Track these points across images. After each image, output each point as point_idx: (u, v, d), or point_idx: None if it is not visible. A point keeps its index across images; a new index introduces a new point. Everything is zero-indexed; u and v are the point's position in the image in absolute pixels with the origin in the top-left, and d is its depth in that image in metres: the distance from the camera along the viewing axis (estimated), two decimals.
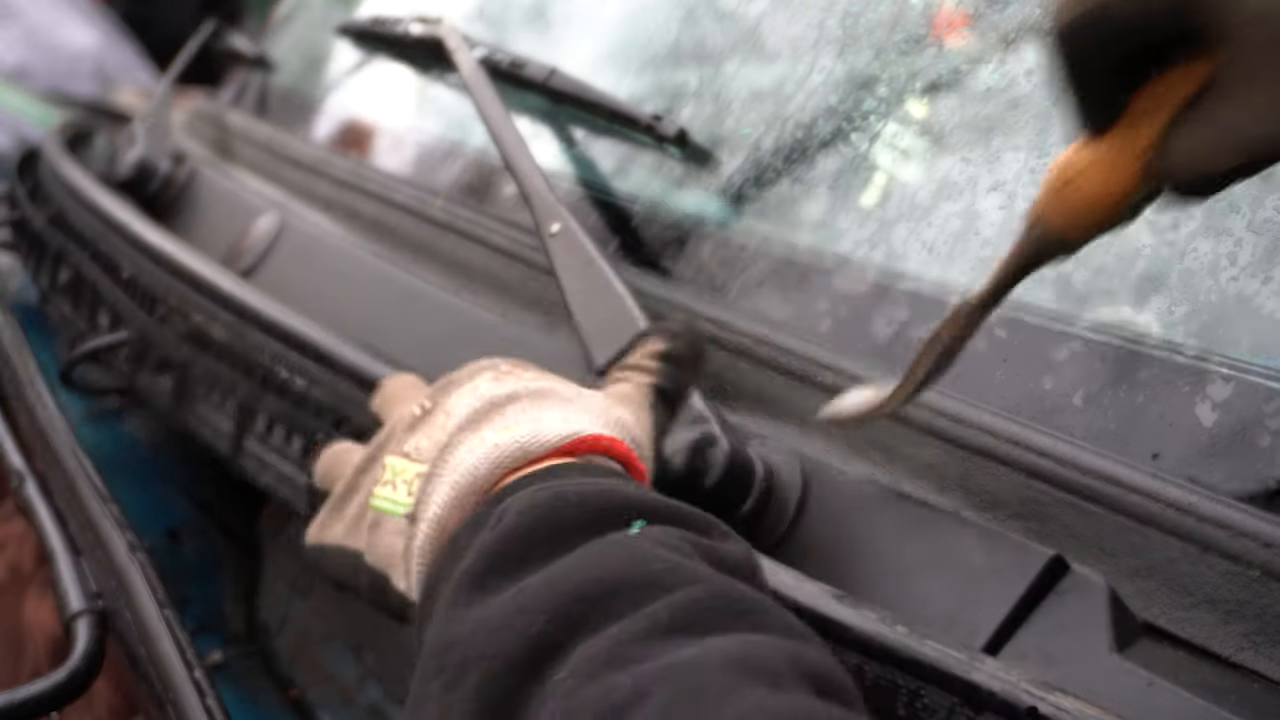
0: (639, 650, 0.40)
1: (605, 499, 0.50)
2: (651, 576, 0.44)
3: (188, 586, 1.07)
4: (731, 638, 0.41)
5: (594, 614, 0.43)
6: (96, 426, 1.23)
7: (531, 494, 0.50)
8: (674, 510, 0.50)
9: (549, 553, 0.47)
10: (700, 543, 0.49)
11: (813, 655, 0.41)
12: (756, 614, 0.43)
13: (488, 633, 0.44)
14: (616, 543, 0.47)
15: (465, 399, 0.61)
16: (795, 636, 0.43)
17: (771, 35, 0.94)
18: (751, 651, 0.39)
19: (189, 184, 1.36)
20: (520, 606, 0.44)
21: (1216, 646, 0.55)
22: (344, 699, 0.96)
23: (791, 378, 0.76)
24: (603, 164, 1.00)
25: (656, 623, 0.41)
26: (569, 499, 0.49)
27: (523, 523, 0.49)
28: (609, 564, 0.45)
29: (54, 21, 2.65)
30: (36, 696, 0.71)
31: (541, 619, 0.43)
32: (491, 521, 0.50)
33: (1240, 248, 0.64)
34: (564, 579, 0.45)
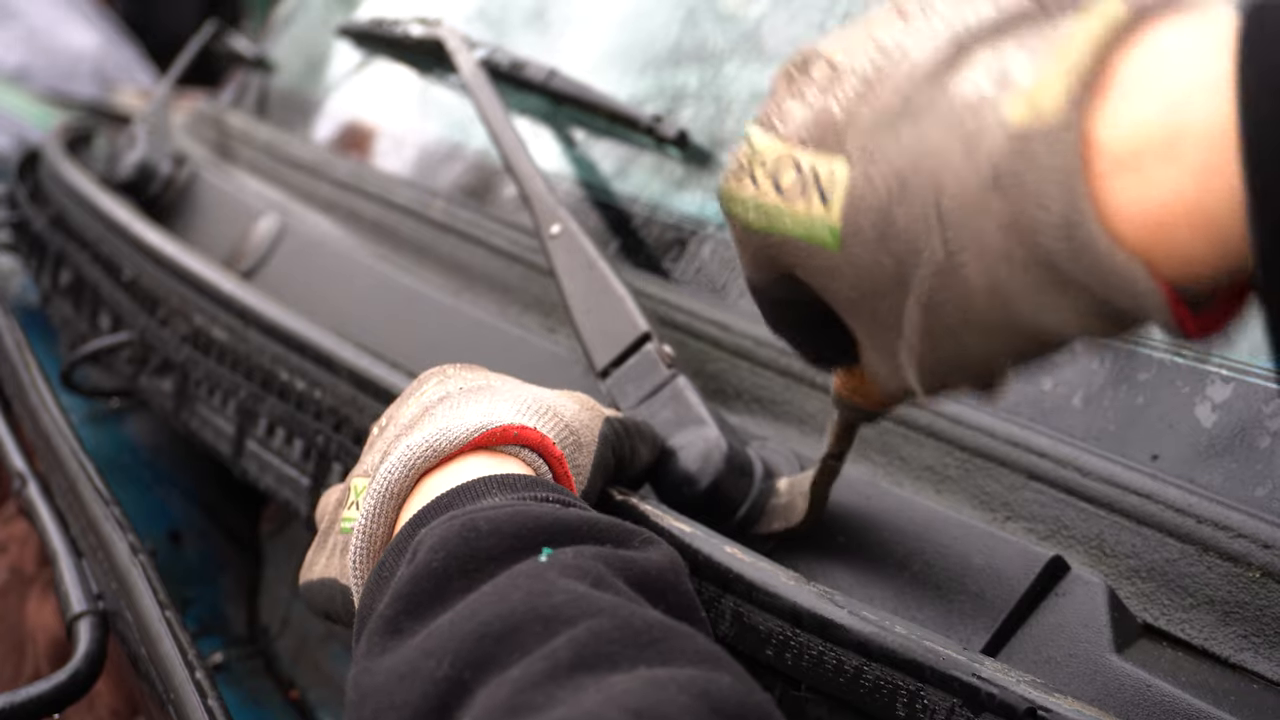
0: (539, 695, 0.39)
1: (516, 523, 0.49)
2: (554, 610, 0.43)
3: (189, 588, 1.07)
4: (634, 676, 0.40)
5: (498, 652, 0.42)
6: (98, 428, 1.23)
7: (443, 525, 0.50)
8: (588, 526, 0.50)
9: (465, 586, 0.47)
10: (616, 556, 0.48)
11: (723, 685, 0.40)
12: (662, 643, 0.42)
13: (398, 679, 0.44)
14: (522, 574, 0.46)
15: (409, 408, 0.62)
16: (705, 663, 0.42)
17: (772, 36, 0.94)
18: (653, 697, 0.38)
19: (189, 186, 1.36)
20: (426, 651, 0.44)
21: (1216, 647, 0.55)
22: (344, 700, 0.96)
23: (791, 379, 0.76)
24: (603, 165, 1.00)
25: (558, 663, 0.41)
26: (480, 529, 0.48)
27: (435, 560, 0.48)
28: (512, 599, 0.44)
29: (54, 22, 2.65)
30: (38, 697, 0.72)
31: (446, 662, 0.43)
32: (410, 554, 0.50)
33: None
34: (468, 618, 0.44)
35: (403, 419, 0.61)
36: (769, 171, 0.45)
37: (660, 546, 0.50)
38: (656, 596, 0.47)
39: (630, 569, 0.48)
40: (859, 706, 0.53)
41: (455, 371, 0.65)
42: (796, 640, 0.55)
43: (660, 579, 0.48)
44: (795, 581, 0.56)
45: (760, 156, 0.46)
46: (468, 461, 0.57)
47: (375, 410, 0.79)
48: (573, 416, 0.61)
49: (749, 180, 0.46)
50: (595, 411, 0.64)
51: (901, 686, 0.52)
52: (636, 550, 0.49)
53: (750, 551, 0.59)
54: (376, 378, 0.79)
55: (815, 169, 0.44)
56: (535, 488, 0.54)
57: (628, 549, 0.49)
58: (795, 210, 0.45)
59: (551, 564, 0.46)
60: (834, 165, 0.43)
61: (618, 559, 0.48)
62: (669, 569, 0.49)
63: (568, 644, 0.41)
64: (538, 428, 0.59)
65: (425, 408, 0.61)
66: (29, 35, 2.57)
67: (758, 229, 0.47)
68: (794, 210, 0.45)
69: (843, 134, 0.43)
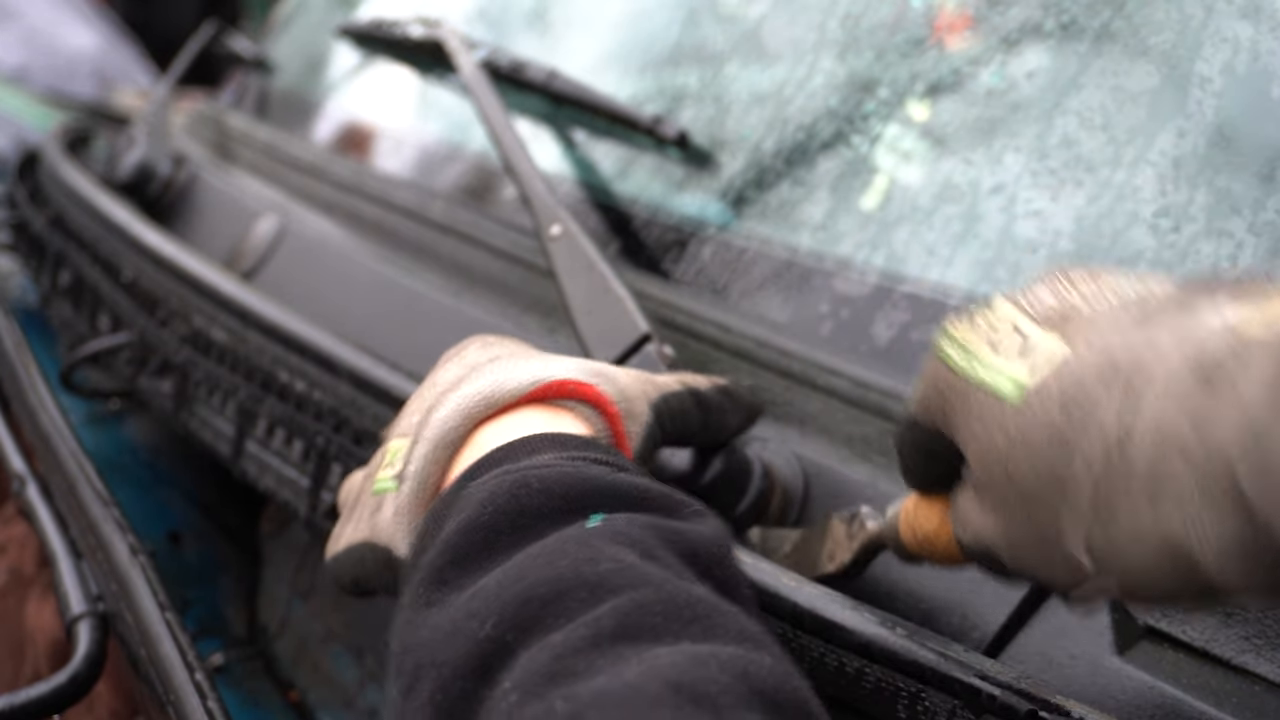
0: (580, 663, 0.39)
1: (567, 484, 0.49)
2: (600, 577, 0.43)
3: (189, 589, 1.07)
4: (676, 650, 0.39)
5: (542, 616, 0.42)
6: (98, 429, 1.23)
7: (495, 479, 0.50)
8: (641, 492, 0.50)
9: (512, 543, 0.47)
10: (665, 527, 0.48)
11: (764, 666, 0.40)
12: (705, 620, 0.42)
13: (441, 637, 0.44)
14: (571, 539, 0.46)
15: (449, 370, 0.62)
16: (747, 642, 0.41)
17: (772, 37, 0.94)
18: (694, 672, 0.38)
19: (189, 186, 1.36)
20: (471, 611, 0.44)
21: (1217, 649, 0.55)
22: (345, 701, 0.96)
23: (792, 380, 0.76)
24: (603, 166, 1.00)
25: (600, 631, 0.41)
26: (531, 486, 0.49)
27: (484, 514, 0.48)
28: (559, 564, 0.44)
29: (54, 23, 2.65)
30: (38, 699, 0.71)
31: (490, 623, 0.43)
32: (459, 506, 0.50)
33: (1241, 250, 0.64)
34: (515, 580, 0.44)
35: (444, 380, 0.61)
36: (993, 327, 0.48)
37: (709, 520, 0.50)
38: (703, 570, 0.47)
39: (679, 541, 0.47)
40: (860, 708, 0.53)
41: (497, 340, 0.65)
42: (798, 642, 0.55)
43: (708, 553, 0.48)
44: (796, 583, 0.56)
45: (993, 316, 0.49)
46: (523, 414, 0.57)
47: (375, 411, 0.79)
48: (626, 384, 0.61)
49: (969, 326, 0.49)
50: (650, 384, 0.63)
51: (903, 688, 0.52)
52: (686, 522, 0.49)
53: (751, 553, 0.59)
54: (376, 379, 0.79)
55: (1037, 341, 0.46)
56: (589, 448, 0.54)
57: (677, 519, 0.49)
58: (995, 361, 0.47)
59: (601, 531, 0.46)
60: (1056, 346, 0.45)
61: (667, 529, 0.48)
62: (717, 543, 0.49)
63: (611, 613, 0.41)
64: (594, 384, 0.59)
65: (471, 367, 0.61)
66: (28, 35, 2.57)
67: (953, 368, 0.48)
68: (993, 361, 0.47)
69: (1079, 327, 0.45)
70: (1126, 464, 0.40)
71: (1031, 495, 0.44)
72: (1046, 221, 0.72)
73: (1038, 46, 0.77)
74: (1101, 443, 0.41)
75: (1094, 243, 0.70)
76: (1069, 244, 0.71)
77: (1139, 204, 0.69)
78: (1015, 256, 0.72)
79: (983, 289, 0.73)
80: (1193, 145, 0.68)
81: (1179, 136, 0.69)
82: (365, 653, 0.96)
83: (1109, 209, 0.70)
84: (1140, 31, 0.73)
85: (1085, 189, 0.71)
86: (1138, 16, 0.73)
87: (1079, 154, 0.72)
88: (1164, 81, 0.71)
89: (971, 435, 0.47)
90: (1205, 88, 0.69)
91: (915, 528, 0.56)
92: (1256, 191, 0.64)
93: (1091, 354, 0.43)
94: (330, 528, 0.83)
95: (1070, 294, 0.47)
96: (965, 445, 0.48)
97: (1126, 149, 0.70)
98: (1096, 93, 0.73)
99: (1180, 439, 0.39)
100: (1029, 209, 0.73)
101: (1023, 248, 0.72)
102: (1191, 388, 0.39)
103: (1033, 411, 0.44)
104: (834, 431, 0.72)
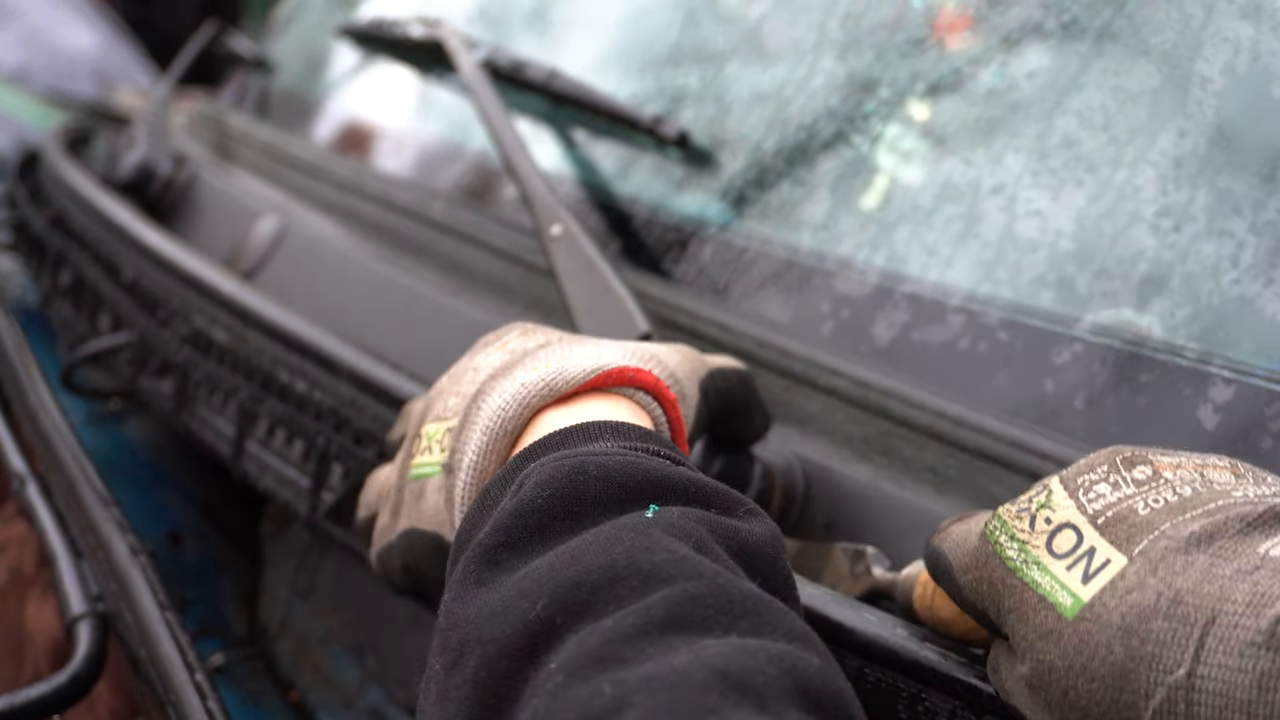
0: (629, 649, 0.39)
1: (625, 474, 0.49)
2: (654, 567, 0.43)
3: (189, 589, 1.07)
4: (725, 642, 0.40)
5: (593, 601, 0.42)
6: (98, 429, 1.23)
7: (553, 463, 0.50)
8: (697, 487, 0.50)
9: (565, 528, 0.47)
10: (720, 523, 0.48)
11: (811, 665, 0.40)
12: (755, 616, 0.42)
13: (489, 616, 0.44)
14: (626, 528, 0.46)
15: (494, 354, 0.62)
16: (796, 641, 0.42)
17: (772, 37, 0.94)
18: (742, 663, 0.38)
19: (190, 186, 1.36)
20: (521, 591, 0.44)
21: None
22: (345, 702, 0.96)
23: (792, 380, 0.76)
24: (604, 166, 1.00)
25: (651, 619, 0.41)
26: (589, 471, 0.49)
27: (539, 496, 0.48)
28: (613, 551, 0.44)
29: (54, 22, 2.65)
30: (38, 699, 0.71)
31: (540, 604, 0.43)
32: (515, 487, 0.50)
33: (1242, 250, 0.64)
34: (568, 564, 0.44)
35: (486, 366, 0.61)
36: (1050, 526, 0.47)
37: (763, 520, 0.50)
38: (754, 569, 0.47)
39: (732, 538, 0.47)
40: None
41: (536, 327, 0.65)
42: None
43: (760, 552, 0.48)
44: (797, 582, 0.56)
45: (1050, 510, 0.48)
46: (583, 404, 0.57)
47: (375, 411, 0.79)
48: (676, 365, 0.61)
49: (1028, 521, 0.48)
50: (698, 362, 0.63)
51: (903, 688, 0.52)
52: (740, 520, 0.49)
53: None
54: (377, 379, 0.79)
55: (1095, 548, 0.45)
56: (648, 439, 0.54)
57: (732, 517, 0.49)
58: (1052, 569, 0.46)
59: (656, 521, 0.46)
60: (1113, 555, 0.45)
61: (721, 526, 0.48)
62: (769, 543, 0.49)
63: (663, 602, 0.41)
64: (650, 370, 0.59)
65: (520, 353, 0.60)
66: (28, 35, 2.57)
67: (1006, 562, 0.48)
68: (1051, 568, 0.46)
69: (1136, 533, 0.45)
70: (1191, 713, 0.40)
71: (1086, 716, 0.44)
72: (1047, 221, 0.72)
73: (1038, 46, 0.77)
74: (1165, 688, 0.41)
75: (1095, 243, 0.70)
76: (1069, 244, 0.71)
77: (1140, 204, 0.69)
78: (1016, 256, 0.72)
79: (983, 289, 0.73)
80: (1193, 145, 0.68)
81: (1180, 136, 0.69)
82: (366, 653, 0.96)
83: (1110, 209, 0.70)
84: (1141, 31, 0.73)
85: (1086, 189, 0.71)
86: (1138, 16, 0.73)
87: (1080, 154, 0.72)
88: (1165, 81, 0.71)
89: (1026, 643, 0.46)
90: (1206, 87, 0.69)
91: (933, 608, 0.55)
92: (1257, 191, 0.64)
93: (1154, 582, 0.43)
94: (330, 528, 0.83)
95: (1130, 492, 0.46)
96: (1016, 644, 0.47)
97: (1127, 149, 0.70)
98: (1097, 92, 0.73)
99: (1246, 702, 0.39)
100: (1029, 209, 0.73)
101: (1023, 247, 0.72)
102: (1257, 642, 0.39)
103: (1091, 634, 0.43)
104: (834, 431, 0.72)
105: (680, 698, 0.36)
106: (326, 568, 1.01)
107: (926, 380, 0.71)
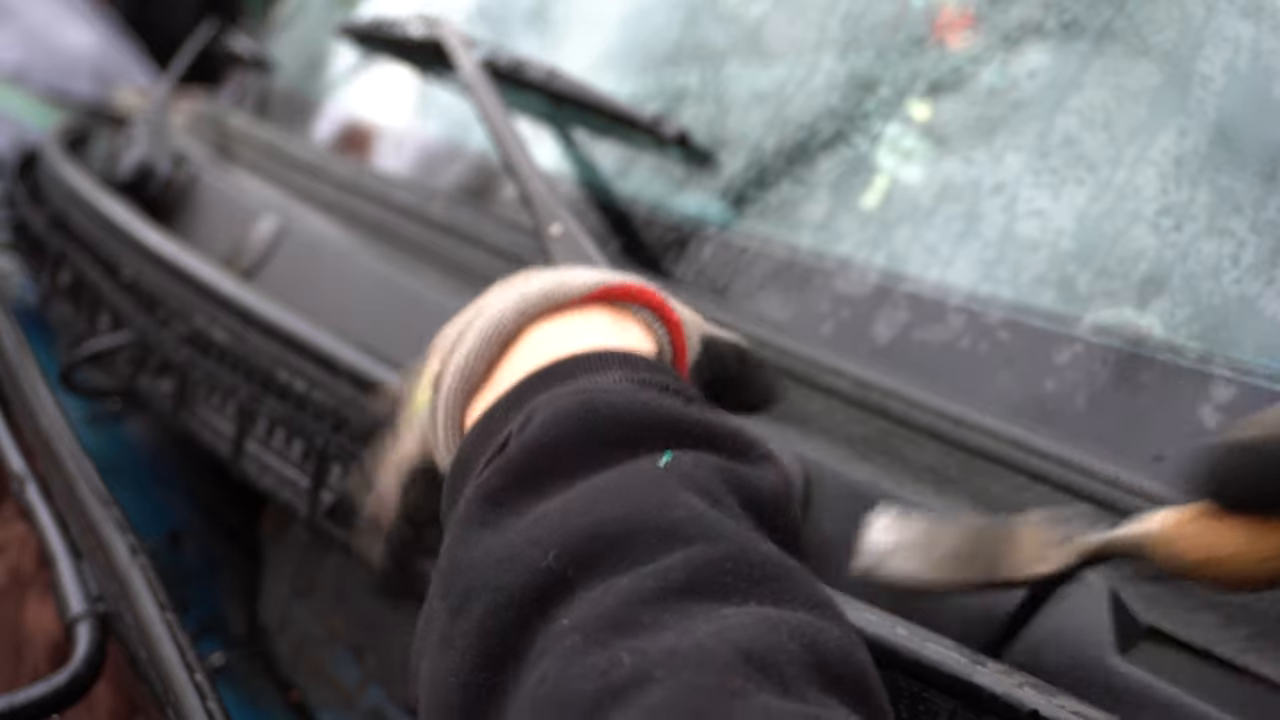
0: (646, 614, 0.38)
1: (636, 413, 0.47)
2: (672, 525, 0.42)
3: (189, 589, 1.07)
4: (746, 613, 0.39)
5: (608, 555, 0.41)
6: (97, 429, 1.23)
7: (562, 398, 0.47)
8: (710, 431, 0.48)
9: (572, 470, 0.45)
10: (732, 471, 0.46)
11: (831, 637, 0.39)
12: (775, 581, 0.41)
13: (496, 562, 0.43)
14: (642, 475, 0.44)
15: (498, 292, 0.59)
16: (815, 609, 0.41)
17: (772, 36, 0.94)
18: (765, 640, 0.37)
19: (189, 186, 1.36)
20: (532, 538, 0.42)
21: (1219, 649, 0.55)
22: (345, 701, 0.96)
23: (793, 380, 0.75)
24: (603, 165, 1.00)
25: (669, 583, 0.39)
26: (599, 410, 0.46)
27: (547, 436, 0.46)
28: (629, 501, 0.43)
29: (53, 21, 2.64)
30: (37, 700, 0.71)
31: (552, 554, 0.41)
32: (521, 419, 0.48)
33: (1243, 249, 0.64)
34: (582, 511, 0.43)
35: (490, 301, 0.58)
36: None
37: (776, 465, 0.49)
38: (766, 520, 0.45)
39: (744, 487, 0.46)
40: None
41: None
42: None
43: (773, 502, 0.46)
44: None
45: None
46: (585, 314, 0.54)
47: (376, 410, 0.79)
48: (682, 309, 0.59)
49: None
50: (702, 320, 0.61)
51: (903, 689, 0.52)
52: (753, 466, 0.48)
53: None
54: (377, 379, 0.79)
55: None
56: (658, 371, 0.51)
57: (744, 463, 0.47)
58: None
59: (672, 471, 0.44)
60: None
61: (734, 474, 0.46)
62: (782, 492, 0.47)
63: (683, 565, 0.40)
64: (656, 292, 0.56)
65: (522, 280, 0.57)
66: (27, 34, 2.57)
67: None
68: None
69: None
70: None
71: None
72: (1048, 221, 0.72)
73: (1039, 45, 0.77)
74: None
75: (1095, 242, 0.69)
76: (1070, 243, 0.70)
77: (1140, 203, 0.69)
78: (1016, 256, 0.72)
79: (984, 288, 0.72)
80: (1194, 144, 0.68)
81: (1180, 135, 0.69)
82: (366, 652, 0.96)
83: (1110, 208, 0.70)
84: (1142, 30, 0.73)
85: (1087, 188, 0.71)
86: (1139, 15, 0.73)
87: (1080, 153, 0.72)
88: (1165, 80, 0.71)
89: None
90: (1207, 86, 0.69)
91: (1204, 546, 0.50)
92: (1258, 190, 0.64)
93: None
94: (330, 528, 0.83)
95: None
96: None
97: (1128, 148, 0.70)
98: (1098, 91, 0.73)
99: None
100: (1030, 208, 0.73)
101: (1024, 247, 0.72)
102: None
103: None
104: (834, 431, 0.72)
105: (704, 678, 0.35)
106: (326, 568, 1.01)
107: (926, 380, 0.71)
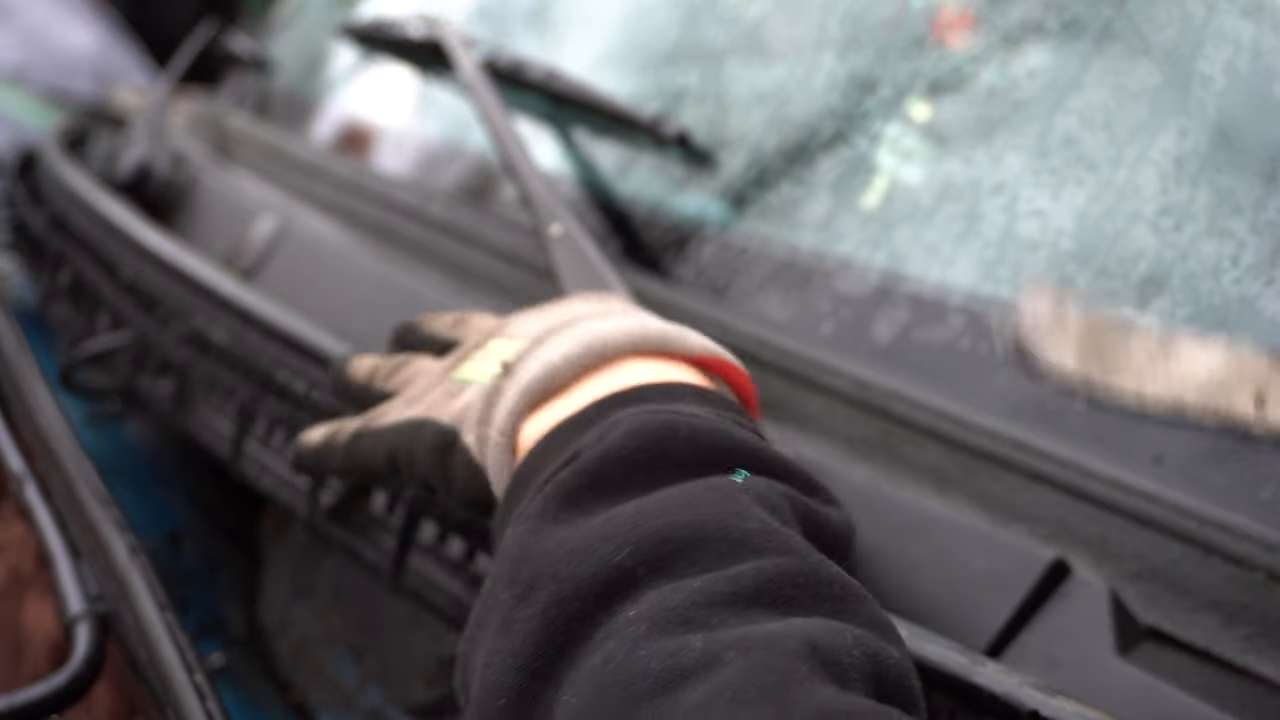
0: (714, 616, 0.39)
1: (715, 439, 0.48)
2: (745, 535, 0.42)
3: (188, 589, 1.07)
4: (812, 621, 0.39)
5: (678, 558, 0.42)
6: (97, 429, 1.23)
7: (644, 415, 0.49)
8: (782, 464, 0.49)
9: (648, 482, 0.46)
10: (802, 503, 0.47)
11: (890, 656, 0.40)
12: (840, 600, 0.42)
13: (567, 554, 0.43)
14: (716, 488, 0.45)
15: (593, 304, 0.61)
16: (877, 629, 0.42)
17: (772, 36, 0.94)
18: (831, 640, 0.38)
19: (189, 186, 1.36)
20: (606, 535, 0.43)
21: (1220, 650, 0.55)
22: (345, 702, 0.96)
23: (793, 380, 0.75)
24: (603, 165, 1.00)
25: (740, 588, 0.40)
26: (679, 430, 0.48)
27: (628, 445, 0.47)
28: (702, 510, 0.44)
29: (53, 21, 2.64)
30: (36, 700, 0.71)
31: (626, 551, 0.42)
32: (600, 431, 0.49)
33: (1243, 250, 0.64)
34: (656, 514, 0.44)
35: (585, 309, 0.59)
36: None
37: (841, 509, 0.50)
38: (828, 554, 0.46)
39: (810, 520, 0.47)
40: None
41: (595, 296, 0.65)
42: None
43: (835, 540, 0.47)
44: None
45: None
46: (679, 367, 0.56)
47: None
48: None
49: None
50: None
51: None
52: (820, 504, 0.49)
53: None
54: None
55: None
56: (736, 411, 0.53)
57: (813, 500, 0.49)
58: None
59: (745, 488, 0.46)
60: None
61: (804, 506, 0.47)
62: (845, 533, 0.48)
63: (754, 573, 0.41)
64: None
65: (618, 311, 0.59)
66: (26, 33, 2.56)
67: None
68: None
69: None
70: None
71: None
72: (1048, 221, 0.72)
73: (1039, 45, 0.77)
74: None
75: (1095, 242, 0.69)
76: (1070, 243, 0.70)
77: (1141, 203, 0.69)
78: (1017, 256, 0.72)
79: (984, 288, 0.72)
80: (1195, 144, 0.68)
81: (1181, 135, 0.69)
82: (366, 653, 0.96)
83: (1111, 208, 0.70)
84: (1142, 30, 0.73)
85: (1087, 188, 0.71)
86: (1139, 15, 0.73)
87: (1080, 153, 0.72)
88: (1166, 80, 0.71)
89: None
90: (1207, 86, 0.69)
91: None
92: (1259, 191, 0.64)
93: None
94: (331, 528, 0.83)
95: None
96: None
97: (1128, 148, 0.70)
98: (1098, 91, 0.73)
99: None
100: (1030, 208, 0.73)
101: (1024, 247, 0.72)
102: None
103: None
104: (834, 431, 0.72)
105: (773, 660, 0.36)
106: (326, 568, 1.01)
107: (926, 380, 0.71)
